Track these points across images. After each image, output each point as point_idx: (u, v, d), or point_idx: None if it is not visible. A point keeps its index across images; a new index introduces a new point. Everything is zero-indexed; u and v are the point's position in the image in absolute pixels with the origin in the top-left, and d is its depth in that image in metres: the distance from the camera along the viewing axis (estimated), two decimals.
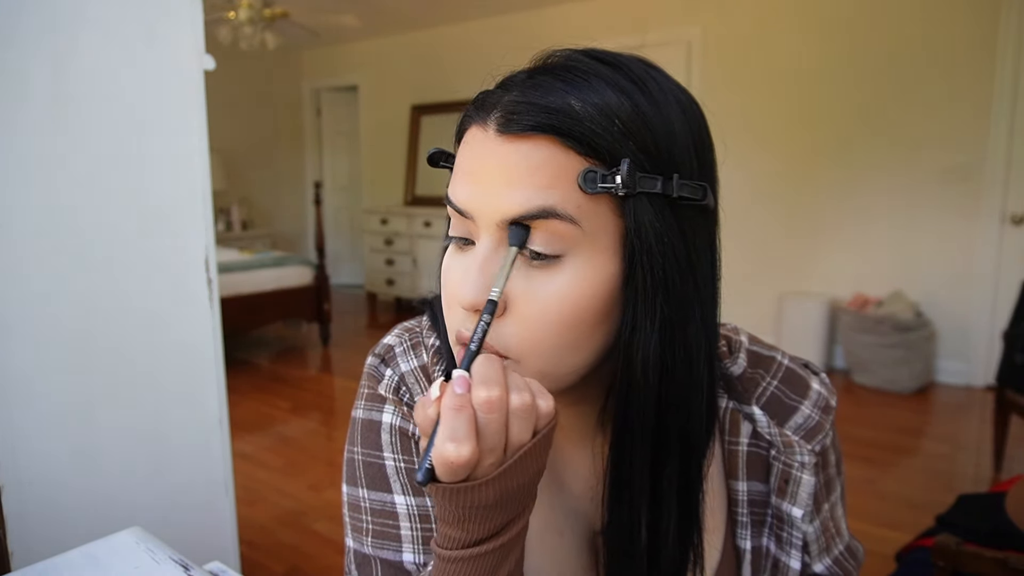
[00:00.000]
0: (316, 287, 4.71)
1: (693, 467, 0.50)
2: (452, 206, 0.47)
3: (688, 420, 0.48)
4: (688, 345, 0.47)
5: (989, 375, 3.52)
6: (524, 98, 0.44)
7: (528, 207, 0.43)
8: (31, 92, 1.03)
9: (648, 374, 0.45)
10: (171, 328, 1.24)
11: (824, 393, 0.59)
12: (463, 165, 0.47)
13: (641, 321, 0.45)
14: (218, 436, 1.32)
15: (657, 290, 0.44)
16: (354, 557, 0.56)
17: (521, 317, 0.44)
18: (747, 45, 4.19)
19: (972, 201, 3.59)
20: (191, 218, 1.25)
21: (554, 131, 0.42)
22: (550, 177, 0.43)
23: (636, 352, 0.45)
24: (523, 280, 0.44)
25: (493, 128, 0.44)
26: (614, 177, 0.42)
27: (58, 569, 0.68)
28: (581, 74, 0.44)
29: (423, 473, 0.39)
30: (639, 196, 0.43)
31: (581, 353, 0.46)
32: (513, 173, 0.43)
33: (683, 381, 0.47)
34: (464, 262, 0.47)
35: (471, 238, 0.47)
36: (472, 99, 0.48)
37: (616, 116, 0.43)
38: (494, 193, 0.44)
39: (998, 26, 3.44)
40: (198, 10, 1.22)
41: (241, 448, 2.96)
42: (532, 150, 0.43)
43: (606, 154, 0.43)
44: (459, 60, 5.53)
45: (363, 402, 0.58)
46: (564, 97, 0.43)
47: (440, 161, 0.51)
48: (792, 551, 0.57)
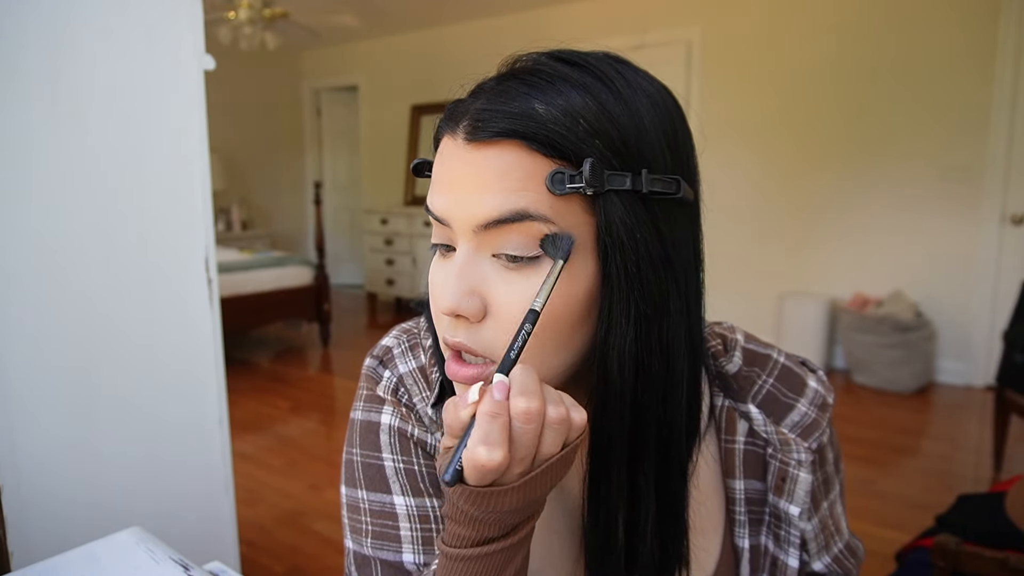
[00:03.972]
0: (316, 287, 4.71)
1: (674, 464, 0.50)
2: (431, 214, 0.48)
3: (667, 416, 0.49)
4: (665, 340, 0.47)
5: (989, 375, 3.52)
6: (490, 105, 0.45)
7: (501, 211, 0.43)
8: (31, 92, 1.03)
9: (624, 371, 0.46)
10: (171, 328, 1.24)
11: (821, 391, 0.59)
12: (437, 174, 0.48)
13: (617, 317, 0.45)
14: (218, 436, 1.32)
15: (632, 286, 0.45)
16: (354, 559, 0.56)
17: (501, 320, 0.45)
18: (747, 45, 4.19)
19: (972, 201, 3.59)
20: (191, 218, 1.25)
21: (519, 136, 0.43)
22: (519, 180, 0.43)
23: (611, 349, 0.45)
24: (502, 283, 0.45)
25: (462, 137, 0.45)
26: (582, 177, 0.43)
27: (58, 569, 0.68)
28: (546, 77, 0.45)
29: (452, 473, 0.39)
30: (608, 194, 0.44)
31: (562, 354, 0.47)
32: (483, 179, 0.44)
33: (661, 376, 0.47)
34: (446, 268, 0.47)
35: (452, 244, 0.48)
36: (444, 113, 0.49)
37: (581, 116, 0.43)
38: (467, 200, 0.45)
39: (998, 26, 3.44)
40: (198, 10, 1.22)
41: (241, 448, 2.97)
42: (499, 155, 0.44)
43: (572, 155, 0.43)
44: (459, 60, 5.53)
45: (362, 403, 0.58)
46: (528, 102, 0.44)
47: (424, 171, 0.52)
48: (790, 549, 0.57)
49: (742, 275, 4.19)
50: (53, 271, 1.08)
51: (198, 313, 1.27)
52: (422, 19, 5.54)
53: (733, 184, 4.18)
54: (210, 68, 1.25)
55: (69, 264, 1.10)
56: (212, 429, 1.31)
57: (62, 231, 1.09)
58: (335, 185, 7.06)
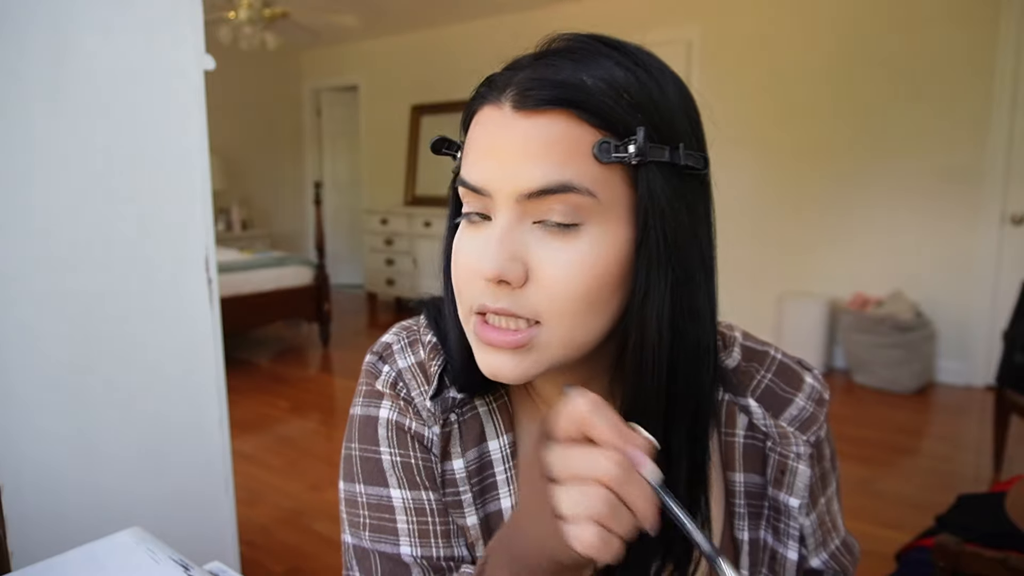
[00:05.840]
0: (316, 287, 4.70)
1: (702, 424, 0.52)
2: (467, 186, 0.48)
3: (697, 377, 0.50)
4: (695, 306, 0.49)
5: (989, 375, 3.52)
6: (537, 75, 0.46)
7: (546, 182, 0.44)
8: (31, 92, 1.03)
9: (662, 332, 0.47)
10: (171, 328, 1.24)
11: (817, 387, 0.60)
12: (479, 143, 0.48)
13: (655, 282, 0.46)
14: (218, 436, 1.32)
15: (670, 252, 0.46)
16: (354, 552, 0.57)
17: (545, 284, 0.46)
18: (747, 45, 4.19)
19: (972, 201, 3.59)
20: (191, 218, 1.25)
21: (569, 104, 0.44)
22: (566, 152, 0.44)
23: (650, 312, 0.47)
24: (543, 249, 0.46)
25: (509, 105, 0.46)
26: (626, 147, 0.44)
27: (58, 569, 0.68)
28: (587, 53, 0.47)
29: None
30: (649, 165, 0.45)
31: (600, 318, 0.47)
32: (531, 148, 0.45)
33: (692, 339, 0.49)
34: (482, 235, 0.47)
35: (487, 213, 0.48)
36: (479, 84, 0.50)
37: (624, 90, 0.45)
38: (512, 168, 0.45)
39: (998, 26, 3.44)
40: (198, 10, 1.22)
41: (241, 448, 2.96)
42: (549, 125, 0.45)
43: (619, 126, 0.45)
44: (459, 60, 5.53)
45: (361, 399, 0.59)
46: (576, 73, 0.45)
47: (442, 148, 0.53)
48: (789, 542, 0.57)
49: (742, 275, 4.18)
50: (53, 271, 1.08)
51: (198, 313, 1.27)
52: (422, 19, 5.54)
53: (733, 184, 4.17)
54: (210, 68, 1.25)
55: (69, 264, 1.10)
56: (212, 429, 1.31)
57: (62, 231, 1.09)
58: (335, 185, 7.06)
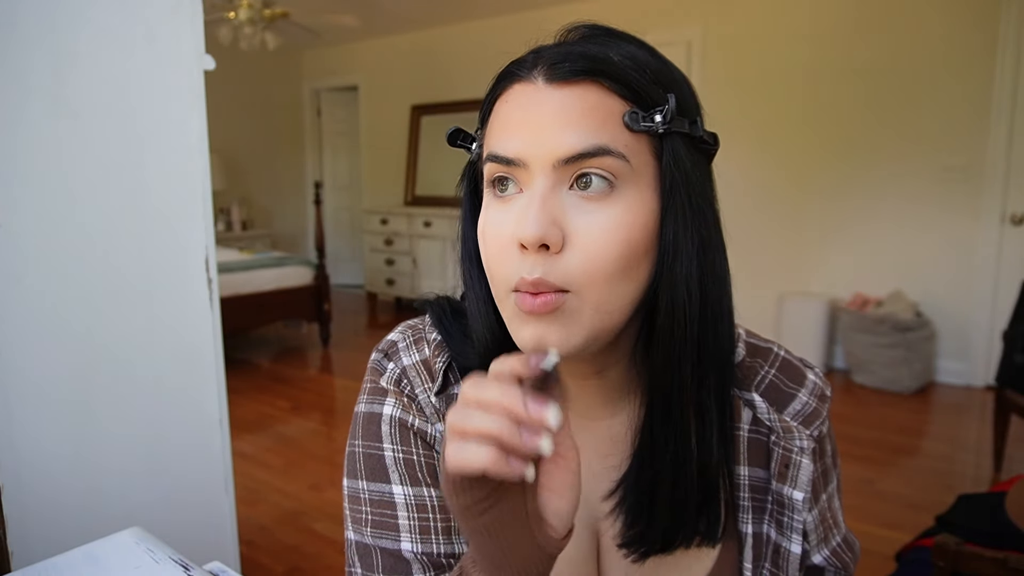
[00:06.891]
0: (316, 287, 4.70)
1: (729, 381, 0.54)
2: (500, 159, 0.49)
3: (724, 334, 0.52)
4: (719, 270, 0.51)
5: (989, 375, 3.52)
6: (566, 51, 0.49)
7: (585, 145, 0.46)
8: (31, 92, 1.03)
9: (692, 293, 0.49)
10: (171, 328, 1.24)
11: (819, 383, 0.61)
12: (511, 118, 0.49)
13: (683, 244, 0.49)
14: (218, 436, 1.32)
15: (696, 216, 0.49)
16: (356, 548, 0.57)
17: (581, 248, 0.46)
18: (747, 45, 4.19)
19: (972, 201, 3.59)
20: (191, 218, 1.24)
21: (600, 75, 0.47)
22: (600, 119, 0.47)
23: (679, 275, 0.49)
24: (580, 214, 0.47)
25: (541, 79, 0.48)
26: (653, 117, 0.47)
27: (58, 569, 0.68)
28: (607, 37, 0.51)
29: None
30: (673, 135, 0.48)
31: (631, 284, 0.49)
32: (568, 116, 0.47)
33: (716, 305, 0.51)
34: (516, 205, 0.48)
35: (520, 185, 0.49)
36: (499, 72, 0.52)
37: (646, 67, 0.49)
38: (549, 136, 0.47)
39: (998, 26, 3.44)
40: (198, 10, 1.22)
41: (241, 448, 2.97)
42: (583, 94, 0.47)
43: (646, 97, 0.48)
44: (459, 60, 5.53)
45: (365, 396, 0.60)
46: (602, 49, 0.49)
47: (458, 140, 0.55)
48: (793, 536, 0.58)
49: (742, 275, 4.14)
50: (53, 271, 1.08)
51: (198, 313, 1.27)
52: (422, 19, 5.54)
53: (732, 184, 4.17)
54: (210, 68, 1.25)
55: (69, 264, 1.10)
56: (212, 429, 1.31)
57: (62, 231, 1.09)
58: (335, 185, 7.06)
